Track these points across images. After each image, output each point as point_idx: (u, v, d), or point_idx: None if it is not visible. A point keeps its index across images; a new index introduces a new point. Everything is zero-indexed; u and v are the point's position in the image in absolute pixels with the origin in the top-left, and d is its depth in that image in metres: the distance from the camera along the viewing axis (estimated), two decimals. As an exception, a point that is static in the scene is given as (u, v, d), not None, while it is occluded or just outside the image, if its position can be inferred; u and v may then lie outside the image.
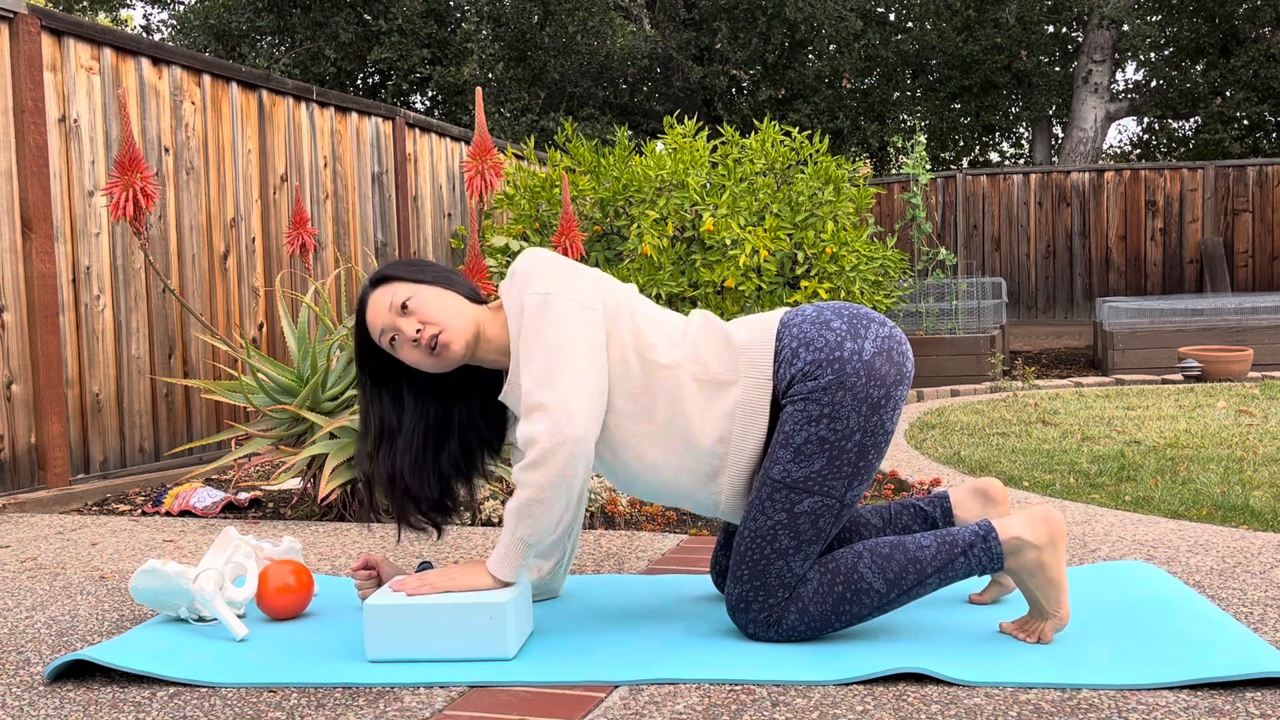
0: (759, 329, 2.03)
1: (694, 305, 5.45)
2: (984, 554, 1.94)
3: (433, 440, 2.14)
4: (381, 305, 2.04)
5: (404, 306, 2.01)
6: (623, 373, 2.00)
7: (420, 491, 2.13)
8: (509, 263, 5.63)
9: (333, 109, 5.55)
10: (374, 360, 2.12)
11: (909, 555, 1.95)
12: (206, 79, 4.78)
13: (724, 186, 5.56)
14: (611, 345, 2.00)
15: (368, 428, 2.14)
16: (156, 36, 17.35)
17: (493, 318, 2.09)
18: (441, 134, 6.61)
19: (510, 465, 3.07)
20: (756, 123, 6.06)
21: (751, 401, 1.98)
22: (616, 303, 2.04)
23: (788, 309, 2.07)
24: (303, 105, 5.33)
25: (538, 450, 1.89)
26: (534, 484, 1.90)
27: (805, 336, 1.98)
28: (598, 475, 3.33)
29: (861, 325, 1.99)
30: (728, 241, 5.25)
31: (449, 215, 6.73)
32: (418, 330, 2.00)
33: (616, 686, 1.81)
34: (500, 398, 2.08)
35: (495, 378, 2.18)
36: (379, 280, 2.08)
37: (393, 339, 2.04)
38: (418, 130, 6.34)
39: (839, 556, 1.97)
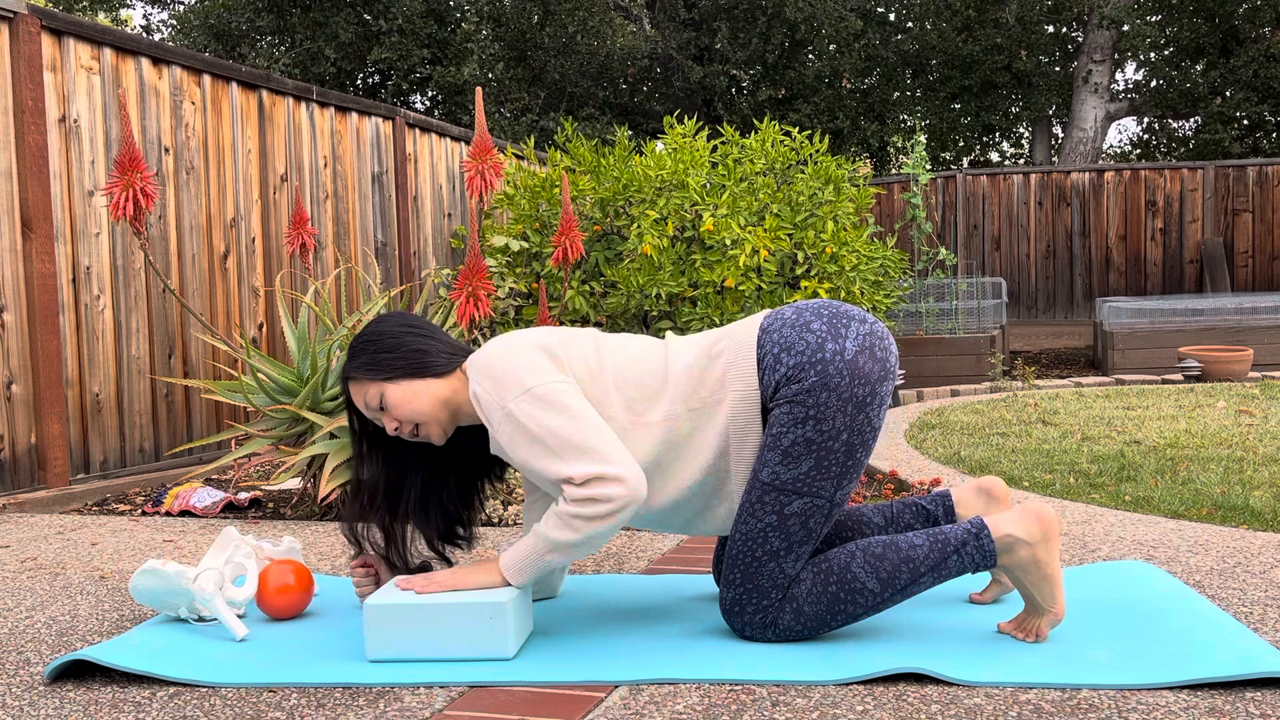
0: (739, 340, 2.02)
1: (694, 305, 5.45)
2: (976, 551, 1.94)
3: (434, 481, 2.21)
4: (359, 400, 2.11)
5: (380, 405, 2.08)
6: (626, 440, 2.00)
7: (426, 530, 2.22)
8: (509, 263, 5.63)
9: (333, 109, 5.55)
10: (367, 422, 2.18)
11: (902, 554, 1.95)
12: (206, 79, 4.78)
13: (724, 186, 5.56)
14: (605, 417, 2.00)
15: (366, 481, 2.19)
16: (156, 36, 17.35)
17: (462, 386, 2.09)
18: (441, 134, 6.61)
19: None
20: (756, 123, 6.06)
21: (743, 414, 1.98)
22: (590, 376, 2.02)
23: (767, 313, 2.06)
24: (303, 105, 5.34)
25: (607, 508, 1.88)
26: (587, 532, 1.90)
27: (786, 341, 1.97)
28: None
29: (841, 324, 1.98)
30: (728, 241, 5.26)
31: (449, 215, 6.73)
32: (396, 427, 2.07)
33: (616, 686, 1.81)
34: (493, 450, 2.09)
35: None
36: (349, 378, 2.11)
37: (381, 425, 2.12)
38: (418, 130, 6.34)
39: (832, 557, 1.97)
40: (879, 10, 17.30)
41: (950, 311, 8.37)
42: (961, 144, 19.06)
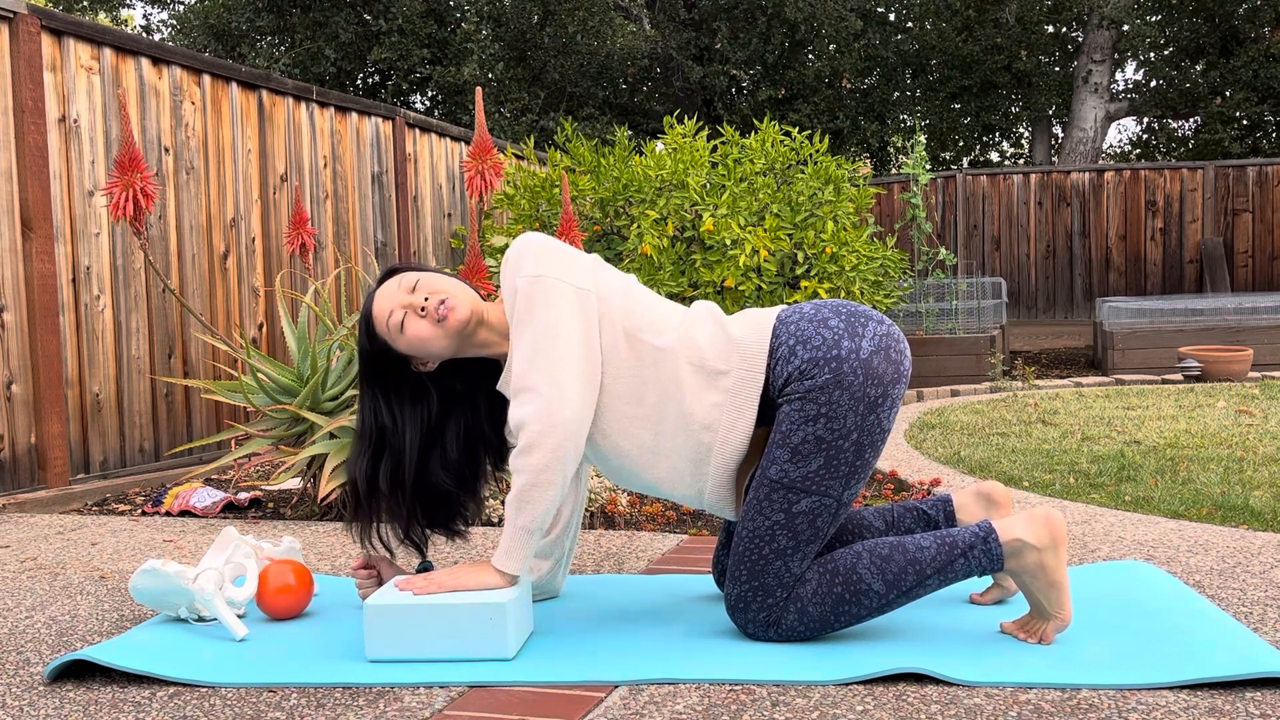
0: (756, 324, 2.03)
1: (694, 305, 5.45)
2: (984, 555, 1.93)
3: (437, 450, 2.15)
4: (390, 290, 2.08)
5: (414, 287, 2.06)
6: (613, 354, 2.00)
7: (424, 505, 2.16)
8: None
9: (333, 109, 5.55)
10: (377, 368, 2.12)
11: (908, 556, 1.94)
12: (206, 79, 4.78)
13: (724, 186, 5.56)
14: (604, 327, 2.01)
15: (367, 440, 2.14)
16: (156, 36, 17.35)
17: (494, 306, 2.12)
18: (441, 134, 6.61)
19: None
20: (756, 123, 6.06)
21: (741, 393, 1.98)
22: (611, 287, 2.05)
23: (785, 306, 2.07)
24: (303, 105, 5.33)
25: (530, 433, 1.91)
26: (529, 468, 1.91)
27: (802, 334, 1.97)
28: (597, 474, 3.33)
29: (859, 324, 1.98)
30: (728, 241, 5.26)
31: (449, 215, 6.73)
32: (425, 299, 2.03)
33: (616, 686, 1.81)
34: (498, 387, 2.09)
35: (496, 379, 2.18)
36: (389, 274, 2.13)
37: (402, 321, 2.04)
38: (418, 130, 6.34)
39: (838, 557, 1.97)
40: (879, 10, 17.29)
41: (950, 311, 8.37)
42: (961, 144, 19.06)
